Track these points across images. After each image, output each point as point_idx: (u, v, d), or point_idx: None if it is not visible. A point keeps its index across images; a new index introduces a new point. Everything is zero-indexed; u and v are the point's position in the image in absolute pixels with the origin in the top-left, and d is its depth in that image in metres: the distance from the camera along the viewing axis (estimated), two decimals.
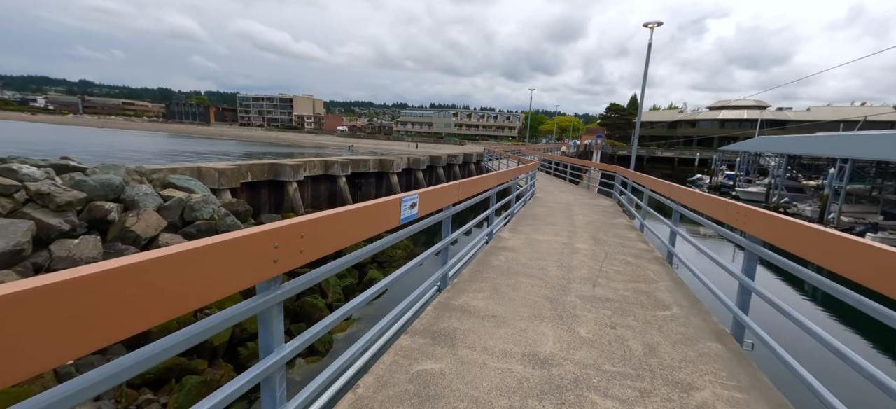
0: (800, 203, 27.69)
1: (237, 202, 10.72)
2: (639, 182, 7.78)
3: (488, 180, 4.89)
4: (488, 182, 4.91)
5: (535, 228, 6.84)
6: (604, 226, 7.38)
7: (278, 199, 14.50)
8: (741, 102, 68.03)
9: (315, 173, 16.31)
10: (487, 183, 4.89)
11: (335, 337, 7.98)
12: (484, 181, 4.75)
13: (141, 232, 7.25)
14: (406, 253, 13.98)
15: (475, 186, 4.38)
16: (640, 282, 4.25)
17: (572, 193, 12.92)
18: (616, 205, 10.46)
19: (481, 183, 4.67)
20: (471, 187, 4.20)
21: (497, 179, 5.37)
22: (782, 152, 30.50)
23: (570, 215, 8.46)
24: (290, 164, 14.15)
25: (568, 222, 7.53)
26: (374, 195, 19.95)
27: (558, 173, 18.35)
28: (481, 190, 4.73)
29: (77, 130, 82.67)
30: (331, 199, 17.44)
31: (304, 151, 64.89)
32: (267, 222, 11.99)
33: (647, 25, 12.04)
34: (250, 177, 13.09)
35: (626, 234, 6.77)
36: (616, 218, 8.35)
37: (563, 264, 4.72)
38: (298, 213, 14.17)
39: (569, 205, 9.90)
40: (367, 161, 18.75)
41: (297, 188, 14.45)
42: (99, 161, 10.22)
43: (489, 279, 4.07)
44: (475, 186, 4.38)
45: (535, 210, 8.76)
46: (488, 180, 4.89)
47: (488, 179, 4.90)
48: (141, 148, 47.88)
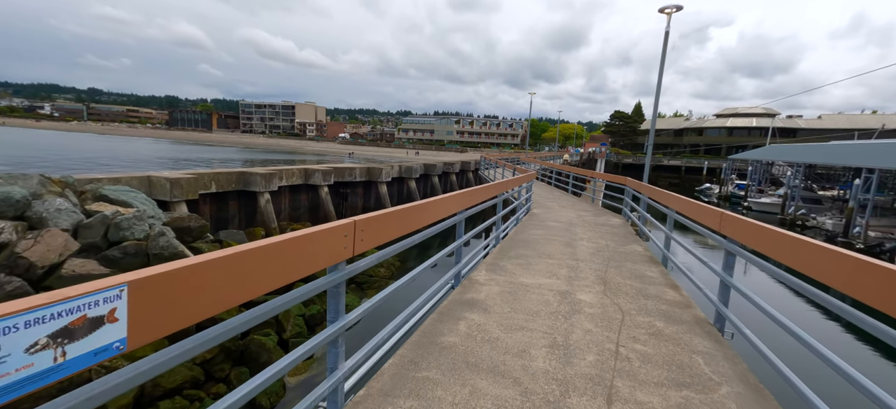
0: (818, 216, 25.97)
1: (188, 217, 9.34)
2: (658, 200, 6.30)
3: (449, 203, 3.42)
4: (449, 206, 3.45)
5: (524, 263, 5.25)
6: (616, 258, 5.81)
7: (250, 211, 13.13)
8: (749, 110, 66.31)
9: (294, 183, 14.95)
10: (448, 207, 3.43)
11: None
12: (444, 204, 3.31)
13: (38, 259, 5.86)
14: (390, 272, 12.56)
15: (430, 211, 2.96)
16: (686, 385, 2.57)
17: (575, 207, 11.43)
18: (627, 224, 8.95)
19: (442, 206, 3.23)
20: (422, 214, 2.80)
21: (467, 199, 3.89)
22: (799, 161, 28.83)
23: (572, 239, 6.92)
24: (262, 172, 12.79)
25: (569, 252, 5.98)
26: (361, 207, 18.58)
27: (560, 184, 16.88)
28: (443, 216, 3.30)
29: (76, 137, 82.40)
30: (313, 211, 16.07)
31: (305, 157, 64.19)
32: (228, 239, 10.60)
33: (664, 10, 10.55)
34: (214, 187, 11.74)
35: (646, 271, 5.20)
36: (629, 244, 6.82)
37: (556, 343, 3.07)
38: (269, 228, 12.80)
39: (570, 225, 8.39)
40: (352, 169, 17.38)
41: (269, 200, 13.07)
42: (73, 167, 8.88)
43: (425, 387, 2.43)
44: (430, 211, 2.96)
45: (528, 233, 7.26)
46: (449, 203, 3.42)
47: (449, 202, 3.43)
48: (127, 154, 46.99)
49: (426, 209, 2.94)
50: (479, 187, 4.59)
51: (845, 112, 70.37)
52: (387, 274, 12.53)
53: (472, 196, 4.08)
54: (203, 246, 9.06)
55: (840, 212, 27.20)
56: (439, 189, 24.24)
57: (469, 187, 4.56)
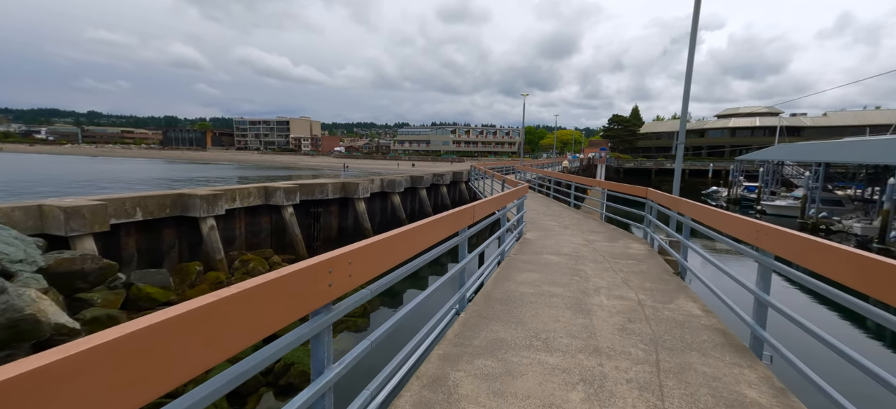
0: (843, 219, 23.81)
1: (81, 259, 7.23)
2: (710, 224, 4.15)
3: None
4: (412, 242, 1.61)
5: (498, 370, 2.79)
6: (665, 338, 3.37)
7: (194, 240, 11.02)
8: (752, 110, 64.50)
9: (251, 204, 12.88)
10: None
11: None
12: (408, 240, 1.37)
13: None
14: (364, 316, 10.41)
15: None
16: None
17: (580, 226, 9.27)
18: (653, 253, 6.66)
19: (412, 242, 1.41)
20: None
21: (428, 232, 2.00)
22: (815, 160, 26.75)
23: (584, 292, 4.55)
24: (203, 193, 10.70)
25: (581, 327, 3.55)
26: (336, 227, 16.48)
27: (559, 195, 14.78)
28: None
29: (63, 159, 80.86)
30: (277, 235, 13.97)
31: (301, 172, 62.49)
32: (142, 281, 8.45)
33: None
34: (140, 214, 9.66)
35: (728, 375, 2.79)
36: (674, 296, 4.44)
37: None
38: (213, 260, 10.68)
39: (577, 259, 6.11)
40: (324, 186, 15.31)
41: (214, 226, 10.97)
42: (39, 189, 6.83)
43: None
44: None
45: (514, 280, 4.95)
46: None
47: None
48: (98, 174, 45.51)
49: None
50: (437, 219, 2.53)
51: (843, 109, 68.52)
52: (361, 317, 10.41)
53: (432, 230, 2.26)
54: (96, 296, 6.94)
55: (865, 214, 25.07)
56: (428, 204, 22.15)
57: (459, 206, 3.60)
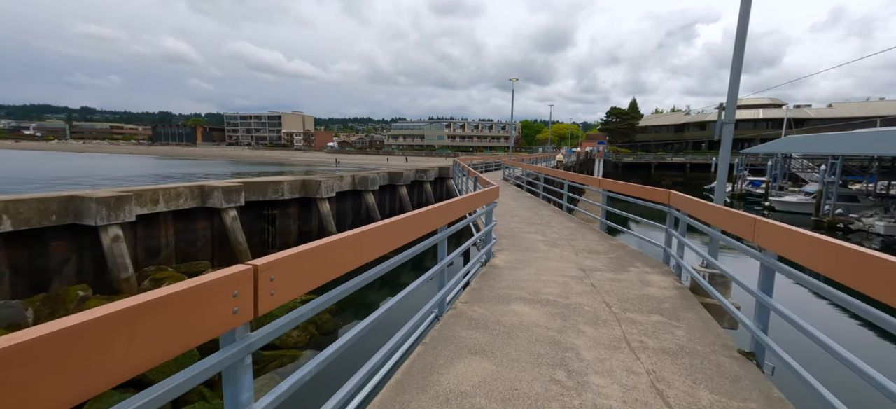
0: (863, 216, 21.87)
1: None
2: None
3: None
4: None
5: None
6: None
7: (97, 253, 8.90)
8: (754, 101, 62.37)
9: (181, 207, 10.76)
10: None
11: None
12: None
13: None
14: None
15: None
16: None
17: (573, 244, 6.85)
18: (687, 294, 4.30)
19: None
20: None
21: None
22: (827, 153, 24.73)
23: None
24: (100, 196, 8.56)
25: None
26: (297, 231, 14.38)
27: (550, 195, 12.68)
28: None
29: (46, 155, 78.35)
30: (220, 243, 11.85)
31: (294, 168, 60.33)
32: None
33: None
34: (8, 223, 7.53)
35: None
36: None
37: None
38: (117, 280, 8.57)
39: (564, 314, 3.70)
40: (278, 185, 13.19)
41: (119, 236, 8.85)
42: None
43: None
44: None
45: (431, 394, 2.39)
46: None
47: None
48: (71, 171, 43.25)
49: None
50: None
51: (847, 101, 66.44)
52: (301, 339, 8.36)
53: None
54: None
55: (885, 210, 23.16)
56: (408, 202, 20.05)
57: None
